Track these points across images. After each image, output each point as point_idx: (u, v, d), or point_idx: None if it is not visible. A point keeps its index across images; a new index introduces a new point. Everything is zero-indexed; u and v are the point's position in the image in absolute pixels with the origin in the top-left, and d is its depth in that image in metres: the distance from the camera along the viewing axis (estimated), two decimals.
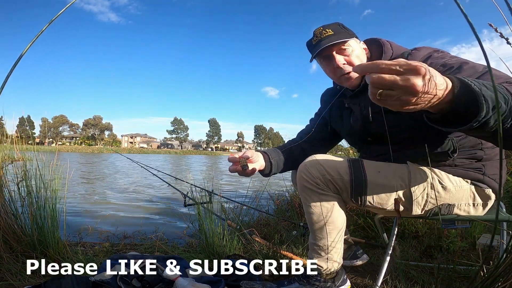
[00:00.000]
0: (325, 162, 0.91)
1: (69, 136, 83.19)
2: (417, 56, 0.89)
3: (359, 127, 1.01)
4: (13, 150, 1.41)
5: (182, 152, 65.21)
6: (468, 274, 1.13)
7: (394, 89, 0.49)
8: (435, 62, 0.83)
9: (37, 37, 0.63)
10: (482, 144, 0.90)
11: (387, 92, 0.50)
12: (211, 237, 1.37)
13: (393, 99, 0.50)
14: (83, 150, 46.57)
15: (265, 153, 1.10)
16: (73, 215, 2.59)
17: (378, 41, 1.02)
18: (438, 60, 0.84)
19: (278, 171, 1.14)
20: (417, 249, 1.44)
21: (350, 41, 0.96)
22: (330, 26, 0.97)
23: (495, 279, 0.58)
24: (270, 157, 1.10)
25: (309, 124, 1.27)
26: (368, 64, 0.51)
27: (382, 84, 0.49)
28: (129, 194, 4.28)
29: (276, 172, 1.13)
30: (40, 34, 0.62)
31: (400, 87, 0.49)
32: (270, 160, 1.09)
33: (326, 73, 1.05)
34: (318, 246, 0.96)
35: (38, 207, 1.26)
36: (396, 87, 0.49)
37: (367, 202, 0.89)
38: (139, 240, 1.72)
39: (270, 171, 1.10)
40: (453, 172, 0.90)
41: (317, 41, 0.96)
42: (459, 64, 0.79)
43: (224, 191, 4.28)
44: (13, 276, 1.05)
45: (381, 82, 0.49)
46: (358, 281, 1.15)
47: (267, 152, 1.11)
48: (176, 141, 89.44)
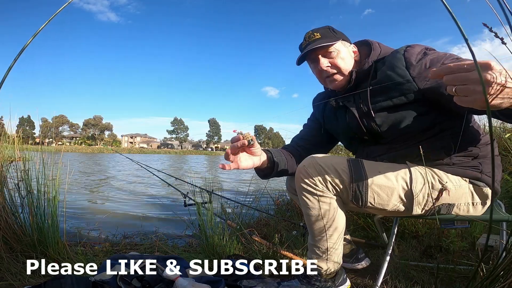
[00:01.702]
0: (324, 162, 0.90)
1: (69, 136, 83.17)
2: (414, 51, 0.90)
3: (356, 124, 0.99)
4: (14, 150, 1.41)
5: (182, 152, 65.21)
6: (468, 274, 1.13)
7: (467, 84, 0.53)
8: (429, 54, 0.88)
9: (34, 37, 0.63)
10: (477, 141, 0.90)
11: (461, 86, 0.54)
12: (211, 237, 1.37)
13: (470, 91, 0.53)
14: (83, 150, 46.56)
15: (269, 152, 1.08)
16: (73, 215, 2.59)
17: (367, 42, 1.05)
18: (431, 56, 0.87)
19: (276, 175, 1.10)
20: (417, 249, 1.44)
21: (336, 44, 0.98)
22: (319, 30, 1.01)
23: (494, 280, 0.58)
24: (274, 157, 1.06)
25: (303, 130, 1.26)
26: (439, 68, 0.57)
27: (455, 79, 0.54)
28: (129, 194, 4.28)
29: (275, 175, 1.10)
30: (37, 34, 0.62)
31: (471, 79, 0.52)
32: (274, 160, 1.06)
33: (315, 75, 1.08)
34: (317, 247, 0.96)
35: (38, 207, 1.27)
36: (468, 81, 0.53)
37: (368, 203, 0.88)
38: (139, 240, 1.72)
39: (270, 173, 1.08)
40: (452, 171, 0.90)
41: (306, 45, 1.00)
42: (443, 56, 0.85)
43: (224, 191, 4.29)
44: (13, 276, 1.05)
45: (454, 78, 0.54)
46: (358, 281, 1.15)
47: (271, 152, 1.09)
48: (176, 141, 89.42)
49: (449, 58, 0.84)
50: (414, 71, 0.86)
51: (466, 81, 0.53)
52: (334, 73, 1.00)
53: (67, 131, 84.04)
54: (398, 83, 0.87)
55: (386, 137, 0.95)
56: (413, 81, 0.86)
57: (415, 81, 0.86)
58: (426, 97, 0.86)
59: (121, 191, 4.65)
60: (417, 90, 0.86)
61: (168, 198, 3.90)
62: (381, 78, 0.92)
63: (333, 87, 1.04)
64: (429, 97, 0.85)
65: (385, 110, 0.92)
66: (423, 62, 0.86)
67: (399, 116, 0.90)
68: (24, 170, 1.33)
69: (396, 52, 0.94)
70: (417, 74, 0.86)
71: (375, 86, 0.91)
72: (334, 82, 1.01)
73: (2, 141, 1.35)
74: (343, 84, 1.02)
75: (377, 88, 0.91)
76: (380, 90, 0.91)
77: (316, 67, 1.02)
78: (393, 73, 0.89)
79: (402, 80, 0.87)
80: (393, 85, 0.88)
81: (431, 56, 0.87)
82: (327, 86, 1.07)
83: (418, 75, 0.86)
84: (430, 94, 0.84)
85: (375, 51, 0.99)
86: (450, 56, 0.85)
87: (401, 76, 0.88)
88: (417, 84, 0.86)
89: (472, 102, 0.54)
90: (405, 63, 0.89)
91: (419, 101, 0.87)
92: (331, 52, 0.98)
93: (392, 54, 0.94)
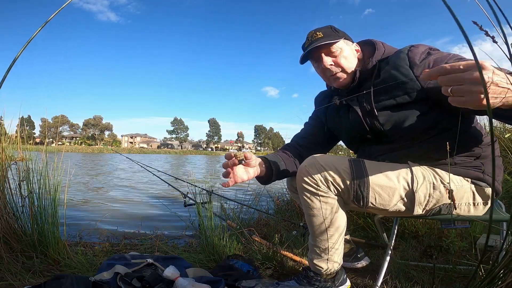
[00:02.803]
0: (326, 162, 0.90)
1: (69, 136, 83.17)
2: (418, 51, 0.90)
3: (359, 123, 0.99)
4: (15, 150, 1.41)
5: (182, 152, 65.22)
6: (468, 274, 1.13)
7: (462, 84, 0.54)
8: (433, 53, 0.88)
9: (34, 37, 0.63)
10: (479, 142, 0.90)
11: (457, 87, 0.54)
12: (211, 237, 1.37)
13: (465, 91, 0.54)
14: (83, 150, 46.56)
15: (265, 158, 1.08)
16: (73, 215, 2.59)
17: (371, 41, 1.05)
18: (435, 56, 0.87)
19: (277, 178, 1.10)
20: (417, 249, 1.44)
21: (338, 42, 0.99)
22: (321, 29, 1.01)
23: (493, 280, 0.58)
24: (271, 164, 1.06)
25: (304, 128, 1.26)
26: (432, 69, 0.58)
27: (450, 80, 0.55)
28: (129, 194, 4.28)
29: (276, 178, 1.09)
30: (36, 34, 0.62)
31: (466, 80, 0.53)
32: (271, 167, 1.06)
33: (318, 74, 1.08)
34: (318, 247, 0.96)
35: (38, 207, 1.27)
36: (463, 81, 0.54)
37: (369, 203, 0.88)
38: (139, 240, 1.72)
39: (270, 178, 1.07)
40: (454, 171, 0.90)
41: (308, 44, 1.00)
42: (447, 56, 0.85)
43: (224, 191, 4.29)
44: (13, 276, 1.05)
45: (449, 79, 0.55)
46: (358, 281, 1.15)
47: (268, 158, 1.08)
48: (176, 141, 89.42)
49: (453, 58, 0.84)
50: (417, 71, 0.87)
51: (461, 81, 0.54)
52: (338, 71, 1.00)
53: (67, 131, 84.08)
54: (402, 82, 0.88)
55: (388, 136, 0.95)
56: (417, 80, 0.86)
57: (419, 81, 0.86)
58: (429, 96, 0.86)
59: (121, 191, 4.65)
60: (420, 89, 0.86)
61: (168, 198, 3.90)
62: (385, 77, 0.92)
63: (337, 86, 1.04)
64: (432, 97, 0.85)
65: (388, 109, 0.92)
66: (427, 62, 0.86)
67: (402, 115, 0.90)
68: (25, 170, 1.33)
69: (400, 51, 0.94)
70: (420, 74, 0.86)
71: (379, 87, 0.91)
72: (337, 80, 1.02)
73: (3, 141, 1.35)
74: (346, 83, 1.02)
75: (381, 87, 0.91)
76: (384, 89, 0.91)
77: (320, 66, 1.02)
78: (397, 72, 0.89)
79: (405, 79, 0.87)
80: (397, 84, 0.88)
81: (434, 56, 0.87)
82: (331, 84, 1.07)
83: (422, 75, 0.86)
84: (433, 93, 0.84)
85: (379, 50, 1.00)
86: (454, 56, 0.85)
87: (404, 75, 0.88)
88: (420, 84, 0.86)
89: (467, 102, 0.54)
90: (409, 62, 0.89)
91: (422, 100, 0.87)
92: (334, 51, 0.99)
93: (396, 53, 0.94)
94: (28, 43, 0.63)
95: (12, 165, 1.34)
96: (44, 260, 1.21)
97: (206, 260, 1.33)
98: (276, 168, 1.06)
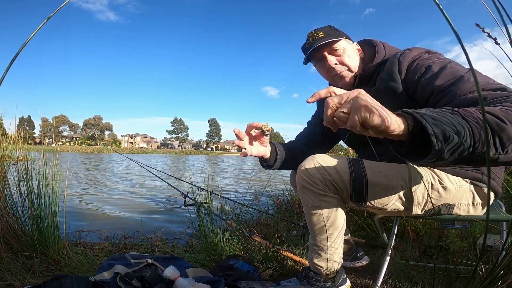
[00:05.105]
0: (325, 162, 0.90)
1: (69, 136, 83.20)
2: (407, 57, 0.90)
3: None
4: (15, 150, 1.41)
5: (182, 152, 65.18)
6: (468, 274, 1.13)
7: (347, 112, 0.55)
8: (421, 63, 0.85)
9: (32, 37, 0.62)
10: None
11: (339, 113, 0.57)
12: (211, 237, 1.37)
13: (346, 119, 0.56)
14: (83, 150, 46.54)
15: (272, 144, 1.10)
16: (73, 215, 2.59)
17: (372, 42, 1.05)
18: (424, 61, 0.86)
19: (279, 166, 1.12)
20: (417, 249, 1.44)
21: (340, 41, 0.99)
22: (321, 29, 1.01)
23: (493, 280, 0.58)
24: (277, 148, 1.09)
25: (307, 127, 1.28)
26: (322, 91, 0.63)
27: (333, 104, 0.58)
28: (129, 194, 4.28)
29: (277, 167, 1.12)
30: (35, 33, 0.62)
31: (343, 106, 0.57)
32: (276, 151, 1.08)
33: (322, 75, 1.08)
34: (318, 246, 0.96)
35: (38, 206, 1.27)
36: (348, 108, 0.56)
37: (367, 203, 0.89)
38: (139, 240, 1.72)
39: (274, 163, 1.09)
40: (452, 171, 0.90)
41: (310, 44, 1.00)
42: (439, 68, 0.80)
43: (224, 191, 4.29)
44: (13, 276, 1.05)
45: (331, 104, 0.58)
46: (358, 281, 1.15)
47: (274, 144, 1.11)
48: (176, 141, 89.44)
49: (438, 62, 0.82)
50: (404, 76, 0.88)
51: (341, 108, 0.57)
52: (343, 70, 1.00)
53: (67, 131, 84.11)
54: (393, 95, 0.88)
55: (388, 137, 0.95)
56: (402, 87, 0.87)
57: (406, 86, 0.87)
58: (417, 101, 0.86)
59: (121, 191, 4.65)
60: (408, 95, 0.87)
61: (168, 198, 3.90)
62: (380, 87, 0.93)
63: (342, 85, 1.03)
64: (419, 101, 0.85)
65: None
66: (412, 66, 0.87)
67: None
68: (25, 170, 1.33)
69: (394, 55, 0.94)
70: (405, 79, 0.87)
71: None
72: (343, 79, 1.01)
73: (3, 141, 1.35)
74: (351, 82, 1.02)
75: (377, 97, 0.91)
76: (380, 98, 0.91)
77: (324, 65, 1.02)
78: (391, 83, 0.90)
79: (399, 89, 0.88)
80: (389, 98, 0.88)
81: (421, 60, 0.87)
82: (336, 83, 1.05)
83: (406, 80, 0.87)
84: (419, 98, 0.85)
85: (379, 54, 0.99)
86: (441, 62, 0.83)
87: (397, 83, 0.89)
88: (407, 89, 0.87)
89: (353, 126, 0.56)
90: (398, 67, 0.89)
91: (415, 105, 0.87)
92: (337, 49, 0.99)
93: (392, 57, 0.94)
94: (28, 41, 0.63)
95: (12, 165, 1.34)
96: (44, 260, 1.21)
97: (206, 260, 1.33)
98: (281, 154, 1.09)
